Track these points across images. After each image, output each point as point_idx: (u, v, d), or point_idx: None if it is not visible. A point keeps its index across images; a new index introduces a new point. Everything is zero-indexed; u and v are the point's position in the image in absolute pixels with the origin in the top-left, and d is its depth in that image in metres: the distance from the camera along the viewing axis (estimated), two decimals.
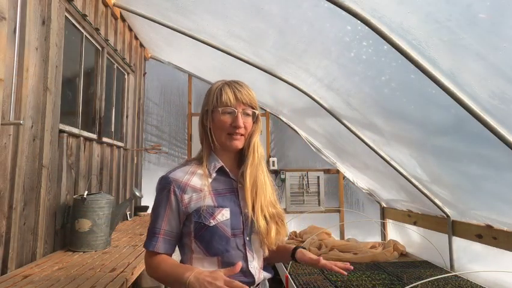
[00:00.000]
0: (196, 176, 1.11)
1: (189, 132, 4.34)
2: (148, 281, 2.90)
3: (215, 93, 1.11)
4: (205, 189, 1.09)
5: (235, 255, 1.08)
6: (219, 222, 1.06)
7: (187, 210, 1.07)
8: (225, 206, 1.09)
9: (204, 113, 1.15)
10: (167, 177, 1.10)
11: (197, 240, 1.08)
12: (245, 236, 1.10)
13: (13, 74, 1.68)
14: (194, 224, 1.07)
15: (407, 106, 2.11)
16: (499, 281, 2.36)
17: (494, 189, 2.05)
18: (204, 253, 1.07)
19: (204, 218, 1.06)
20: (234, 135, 1.10)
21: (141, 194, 3.06)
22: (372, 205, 4.36)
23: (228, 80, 1.15)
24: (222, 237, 1.06)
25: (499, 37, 1.25)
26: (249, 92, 1.12)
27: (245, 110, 1.10)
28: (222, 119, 1.09)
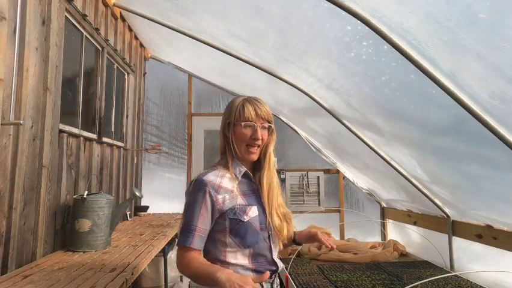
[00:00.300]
0: (226, 178, 1.27)
1: (189, 132, 4.34)
2: (148, 281, 2.90)
3: (237, 108, 1.28)
4: (235, 190, 1.26)
5: (263, 247, 1.26)
6: (250, 218, 1.24)
7: (222, 208, 1.22)
8: (253, 204, 1.27)
9: (226, 125, 1.32)
10: (202, 180, 1.24)
11: (232, 235, 1.23)
12: (268, 230, 1.29)
13: (13, 74, 1.68)
14: (229, 220, 1.22)
15: (407, 106, 2.11)
16: (499, 281, 2.36)
17: (494, 189, 2.05)
18: (238, 246, 1.23)
19: (239, 214, 1.22)
20: (252, 147, 1.28)
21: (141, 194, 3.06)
22: (372, 205, 4.36)
23: (248, 96, 1.33)
24: (253, 231, 1.24)
25: (499, 37, 1.25)
26: (266, 109, 1.30)
27: (263, 124, 1.28)
28: (243, 131, 1.27)
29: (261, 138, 1.28)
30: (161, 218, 3.51)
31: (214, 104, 4.43)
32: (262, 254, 1.26)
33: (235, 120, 1.28)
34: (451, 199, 2.62)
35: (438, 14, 1.33)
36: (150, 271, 2.89)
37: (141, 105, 4.05)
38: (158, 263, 2.88)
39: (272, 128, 1.32)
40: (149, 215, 3.76)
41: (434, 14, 1.34)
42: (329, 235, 3.73)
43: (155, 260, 2.85)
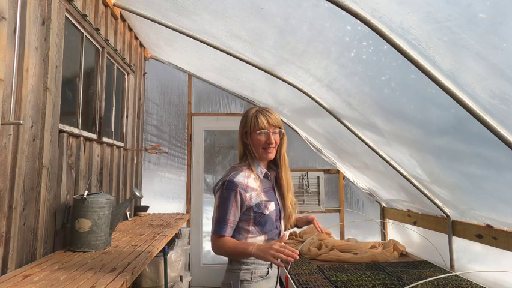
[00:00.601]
0: (251, 179, 1.55)
1: (189, 132, 4.34)
2: (148, 281, 2.90)
3: (252, 119, 1.56)
4: (258, 189, 1.55)
5: (275, 233, 1.58)
6: (270, 211, 1.54)
7: (249, 204, 1.51)
8: (271, 200, 1.57)
9: (244, 133, 1.60)
10: (233, 181, 1.50)
11: (255, 224, 1.53)
12: (280, 220, 1.61)
13: (13, 74, 1.69)
14: (254, 213, 1.52)
15: (407, 106, 2.11)
16: (499, 281, 2.36)
17: (494, 189, 2.05)
18: (259, 233, 1.54)
19: (262, 209, 1.52)
20: (268, 149, 1.55)
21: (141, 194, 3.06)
22: (372, 205, 4.36)
23: (259, 107, 1.60)
24: (271, 221, 1.55)
25: (499, 37, 1.25)
26: (276, 117, 1.57)
27: (274, 130, 1.56)
28: (259, 138, 1.54)
29: (274, 142, 1.55)
30: (161, 218, 3.51)
31: (214, 104, 4.43)
32: (273, 238, 1.56)
33: (251, 129, 1.56)
34: (451, 199, 2.62)
35: (438, 14, 1.33)
36: (150, 271, 2.89)
37: (141, 105, 4.05)
38: (158, 263, 2.88)
39: (283, 132, 1.59)
40: (149, 215, 3.76)
41: (434, 14, 1.34)
42: (329, 235, 3.73)
43: (155, 260, 2.85)
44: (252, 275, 1.51)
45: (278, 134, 1.57)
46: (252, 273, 1.51)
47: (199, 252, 4.21)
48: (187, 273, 3.78)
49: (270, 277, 1.55)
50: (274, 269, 1.60)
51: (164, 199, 4.20)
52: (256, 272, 1.51)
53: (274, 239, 1.56)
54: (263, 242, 1.53)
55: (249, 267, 1.51)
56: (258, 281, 1.51)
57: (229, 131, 4.44)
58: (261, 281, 1.51)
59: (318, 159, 4.42)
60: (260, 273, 1.52)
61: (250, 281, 1.50)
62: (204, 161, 4.35)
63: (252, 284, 1.50)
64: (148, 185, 4.16)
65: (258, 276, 1.51)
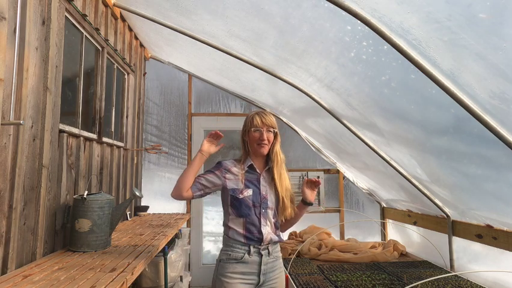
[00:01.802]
0: (236, 167, 1.82)
1: (189, 132, 4.34)
2: (148, 281, 2.90)
3: (250, 119, 1.81)
4: (239, 176, 1.78)
5: (254, 219, 1.74)
6: (244, 196, 1.74)
7: (225, 184, 1.77)
8: (249, 188, 1.77)
9: (244, 132, 1.84)
10: (220, 162, 1.83)
11: (232, 207, 1.76)
12: (261, 208, 1.76)
13: (13, 74, 1.68)
14: (230, 196, 1.75)
15: (407, 106, 2.11)
16: (499, 281, 2.36)
17: (494, 189, 2.05)
18: (236, 215, 1.75)
19: (237, 193, 1.75)
20: (261, 144, 1.77)
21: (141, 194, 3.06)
22: (372, 205, 4.36)
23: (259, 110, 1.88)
24: (246, 206, 1.74)
25: (499, 37, 1.25)
26: (271, 118, 1.80)
27: (268, 129, 1.78)
28: (254, 135, 1.78)
29: (267, 139, 1.77)
30: (161, 218, 3.51)
31: (214, 104, 4.43)
32: (253, 224, 1.73)
33: (248, 127, 1.80)
34: (451, 199, 2.62)
35: (438, 14, 1.33)
36: (150, 271, 2.89)
37: (141, 105, 4.05)
38: (158, 263, 2.88)
39: (276, 131, 1.81)
40: (149, 215, 3.76)
41: (434, 14, 1.34)
42: (329, 235, 3.73)
43: (155, 260, 2.85)
44: (228, 256, 1.72)
45: (272, 132, 1.79)
46: (230, 255, 1.71)
47: (199, 252, 4.21)
48: (187, 273, 3.78)
49: (246, 262, 1.70)
50: (254, 257, 1.72)
51: (164, 199, 4.20)
52: (232, 255, 1.71)
53: (254, 224, 1.74)
54: (242, 225, 1.73)
55: (227, 249, 1.74)
56: (232, 263, 1.70)
57: (229, 131, 4.43)
58: (235, 263, 1.70)
59: (318, 159, 4.42)
60: (235, 256, 1.71)
61: (225, 261, 1.72)
62: None
63: (226, 264, 1.71)
64: (148, 185, 4.16)
65: (232, 258, 1.71)
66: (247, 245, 1.72)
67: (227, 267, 1.70)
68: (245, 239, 1.72)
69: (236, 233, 1.73)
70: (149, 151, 3.95)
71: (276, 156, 1.79)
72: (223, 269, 1.71)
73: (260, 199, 1.76)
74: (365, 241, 3.81)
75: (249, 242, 1.72)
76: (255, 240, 1.72)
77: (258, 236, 1.73)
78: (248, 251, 1.71)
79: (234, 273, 1.69)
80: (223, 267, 1.72)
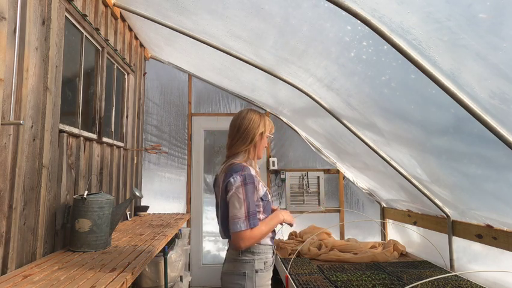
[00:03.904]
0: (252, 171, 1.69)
1: (189, 132, 4.34)
2: (148, 281, 2.90)
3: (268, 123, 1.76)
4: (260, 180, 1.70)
5: None
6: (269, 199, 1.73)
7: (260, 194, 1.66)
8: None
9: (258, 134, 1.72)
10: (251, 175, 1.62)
11: (264, 212, 1.68)
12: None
13: (13, 74, 1.69)
14: (262, 202, 1.66)
15: (407, 106, 2.11)
16: (499, 281, 2.36)
17: (494, 189, 2.05)
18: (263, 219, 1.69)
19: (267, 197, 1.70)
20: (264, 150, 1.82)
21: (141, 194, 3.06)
22: (372, 205, 4.36)
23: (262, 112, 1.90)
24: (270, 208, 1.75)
25: (499, 37, 1.25)
26: None
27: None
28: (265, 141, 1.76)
29: None
30: (161, 218, 3.51)
31: (214, 104, 4.43)
32: None
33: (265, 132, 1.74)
34: (451, 199, 2.62)
35: (438, 14, 1.33)
36: (150, 271, 2.89)
37: (141, 105, 4.05)
38: (158, 263, 2.88)
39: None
40: (149, 215, 3.76)
41: (434, 14, 1.34)
42: (329, 235, 3.73)
43: (155, 260, 2.85)
44: (265, 264, 1.63)
45: None
46: (265, 263, 1.63)
47: (199, 252, 4.21)
48: (187, 273, 3.78)
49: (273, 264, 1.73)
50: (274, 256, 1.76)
51: (164, 199, 4.20)
52: (268, 262, 1.65)
53: None
54: None
55: (261, 257, 1.62)
56: (268, 270, 1.65)
57: None
58: (270, 269, 1.67)
59: (318, 159, 4.42)
60: (270, 262, 1.66)
61: (264, 269, 1.62)
62: (203, 161, 4.35)
63: (265, 272, 1.63)
64: (148, 185, 4.16)
65: (269, 265, 1.66)
66: (271, 247, 1.70)
67: (266, 276, 1.63)
68: (271, 241, 1.70)
69: (267, 237, 1.67)
70: (149, 151, 3.95)
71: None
72: (263, 279, 1.61)
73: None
74: (365, 241, 3.81)
75: (272, 244, 1.71)
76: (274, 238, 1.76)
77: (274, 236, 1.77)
78: (273, 252, 1.72)
79: (269, 279, 1.67)
80: (262, 278, 1.61)
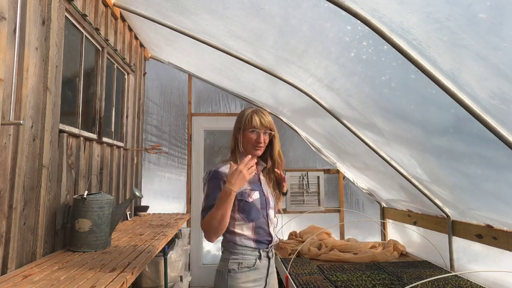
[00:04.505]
0: None
1: (189, 132, 4.34)
2: (148, 281, 2.90)
3: (247, 117, 1.65)
4: None
5: (262, 222, 1.65)
6: (254, 199, 1.63)
7: None
8: (255, 190, 1.66)
9: (237, 130, 1.69)
10: (217, 171, 1.61)
11: (240, 212, 1.61)
12: (266, 209, 1.68)
13: (13, 74, 1.69)
14: (238, 201, 1.59)
15: (407, 106, 2.11)
16: (499, 281, 2.36)
17: (494, 189, 2.05)
18: (244, 220, 1.62)
19: (246, 197, 1.61)
20: (257, 147, 1.64)
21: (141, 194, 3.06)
22: (372, 205, 4.36)
23: (256, 108, 1.72)
24: (256, 209, 1.63)
25: (499, 37, 1.25)
26: (269, 119, 1.68)
27: (265, 131, 1.66)
28: (250, 136, 1.64)
29: (263, 141, 1.65)
30: (161, 218, 3.51)
31: (214, 104, 4.43)
32: (262, 227, 1.64)
33: (244, 127, 1.65)
34: (451, 199, 2.62)
35: (438, 14, 1.33)
36: (150, 271, 2.89)
37: (141, 105, 4.05)
38: (158, 263, 2.88)
39: (273, 134, 1.69)
40: (149, 215, 3.76)
41: (434, 14, 1.34)
42: (329, 235, 3.74)
43: (155, 260, 2.85)
44: (239, 265, 1.58)
45: (268, 135, 1.68)
46: (240, 264, 1.58)
47: (199, 252, 4.21)
48: (187, 273, 3.78)
49: (257, 268, 1.60)
50: (264, 261, 1.64)
51: (164, 199, 4.20)
52: (244, 263, 1.58)
53: (263, 228, 1.64)
54: (251, 230, 1.62)
55: (237, 257, 1.59)
56: (244, 272, 1.57)
57: (229, 131, 4.35)
58: (248, 271, 1.58)
59: (318, 159, 4.42)
60: (247, 264, 1.59)
61: (237, 270, 1.57)
62: (203, 161, 4.35)
63: (238, 273, 1.57)
64: (148, 185, 4.16)
65: (245, 266, 1.58)
66: (257, 250, 1.62)
67: (240, 278, 1.57)
68: (255, 244, 1.62)
69: (245, 238, 1.61)
70: (149, 151, 3.95)
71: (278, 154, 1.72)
72: (235, 280, 1.56)
73: (265, 200, 1.69)
74: (365, 241, 3.81)
75: (258, 247, 1.62)
76: (265, 243, 1.65)
77: (268, 239, 1.66)
78: (258, 256, 1.62)
79: (248, 282, 1.57)
80: (235, 278, 1.57)
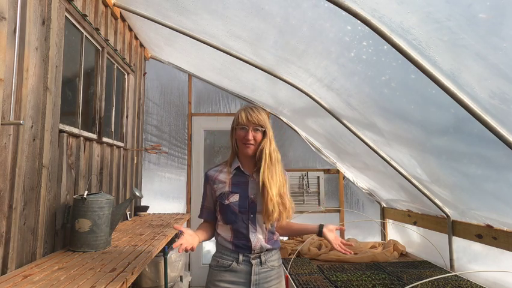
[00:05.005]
0: (223, 173, 1.66)
1: (189, 132, 4.34)
2: (148, 281, 2.90)
3: (236, 115, 1.63)
4: (227, 181, 1.64)
5: (241, 226, 1.60)
6: (230, 202, 1.60)
7: (215, 194, 1.64)
8: (236, 192, 1.61)
9: (232, 129, 1.67)
10: (206, 174, 1.69)
11: (219, 213, 1.64)
12: (250, 213, 1.61)
13: (13, 74, 1.69)
14: (218, 203, 1.63)
15: (407, 106, 2.11)
16: (499, 281, 2.36)
17: (494, 189, 2.05)
18: (222, 221, 1.64)
19: (222, 199, 1.61)
20: (246, 144, 1.59)
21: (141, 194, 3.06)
22: (372, 205, 4.36)
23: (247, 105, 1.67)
24: (232, 212, 1.60)
25: (499, 37, 1.25)
26: (258, 115, 1.60)
27: (255, 127, 1.59)
28: (239, 133, 1.61)
29: (253, 139, 1.59)
30: (161, 218, 3.51)
31: (214, 104, 4.43)
32: (240, 231, 1.60)
33: (234, 125, 1.64)
34: (451, 199, 2.62)
35: (438, 14, 1.33)
36: (150, 271, 2.89)
37: (141, 105, 4.05)
38: (158, 263, 2.88)
39: (265, 130, 1.61)
40: (149, 215, 3.76)
41: (434, 14, 1.34)
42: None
43: (155, 260, 2.85)
44: (217, 263, 1.62)
45: (260, 131, 1.60)
46: (218, 262, 1.62)
47: (199, 252, 4.21)
48: (187, 273, 3.78)
49: (234, 271, 1.59)
50: (243, 266, 1.59)
51: (164, 199, 4.20)
52: (220, 262, 1.61)
53: (242, 232, 1.60)
54: (229, 232, 1.62)
55: (216, 256, 1.66)
56: (220, 270, 1.61)
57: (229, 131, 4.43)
58: (223, 271, 1.60)
59: (318, 159, 4.42)
60: (223, 263, 1.61)
61: (214, 267, 1.64)
62: (203, 161, 4.35)
63: (214, 271, 1.63)
64: (148, 185, 4.16)
65: (221, 265, 1.61)
66: (236, 253, 1.59)
67: (215, 275, 1.61)
68: (233, 246, 1.60)
69: (224, 239, 1.62)
70: (149, 151, 3.95)
71: (265, 156, 1.58)
72: (212, 276, 1.62)
73: (248, 204, 1.59)
74: (365, 241, 3.81)
75: (237, 250, 1.59)
76: (244, 248, 1.59)
77: (246, 244, 1.59)
78: (237, 258, 1.59)
79: (223, 281, 1.58)
80: (212, 274, 1.63)
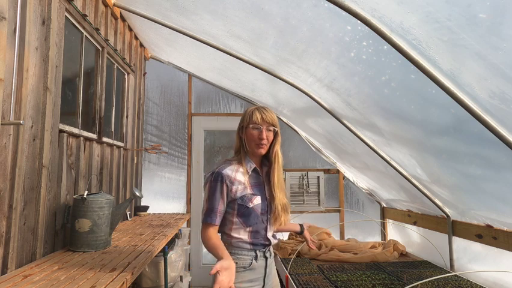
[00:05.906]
0: (239, 172, 1.61)
1: (189, 132, 4.34)
2: (148, 281, 2.90)
3: (249, 114, 1.62)
4: (246, 182, 1.60)
5: (260, 227, 1.62)
6: (254, 205, 1.59)
7: (235, 196, 1.58)
8: (257, 194, 1.61)
9: (240, 128, 1.66)
10: (220, 173, 1.58)
11: (239, 216, 1.59)
12: (267, 214, 1.65)
13: (13, 74, 1.69)
14: (238, 205, 1.58)
15: (407, 106, 2.11)
16: (499, 281, 2.36)
17: (494, 189, 2.05)
18: (243, 225, 1.59)
19: (246, 202, 1.58)
20: (260, 144, 1.60)
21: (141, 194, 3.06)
22: (372, 205, 4.36)
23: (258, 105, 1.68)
24: (256, 215, 1.60)
25: (499, 37, 1.25)
26: (272, 115, 1.62)
27: (268, 127, 1.61)
28: (252, 132, 1.60)
29: (266, 138, 1.60)
30: (161, 218, 3.51)
31: (214, 104, 4.43)
32: (259, 231, 1.62)
33: (246, 124, 1.62)
34: (451, 199, 2.62)
35: (438, 14, 1.33)
36: (150, 271, 2.89)
37: (141, 105, 4.05)
38: (158, 263, 2.88)
39: (277, 130, 1.64)
40: (149, 215, 3.76)
41: (434, 14, 1.34)
42: (329, 235, 3.73)
43: (155, 260, 2.85)
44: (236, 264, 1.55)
45: (272, 131, 1.63)
46: (236, 263, 1.55)
47: (199, 252, 4.21)
48: (187, 273, 3.78)
49: (254, 268, 1.60)
50: (260, 261, 1.63)
51: (164, 199, 4.20)
52: (239, 263, 1.57)
53: (260, 232, 1.62)
54: (247, 234, 1.60)
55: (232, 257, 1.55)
56: (240, 271, 1.56)
57: (229, 131, 4.44)
58: (243, 271, 1.57)
59: (318, 159, 4.42)
60: (243, 264, 1.58)
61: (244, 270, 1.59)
62: (204, 161, 4.35)
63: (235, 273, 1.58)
64: (148, 185, 4.16)
65: (241, 267, 1.57)
66: (254, 251, 1.61)
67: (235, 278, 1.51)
68: (251, 246, 1.61)
69: (241, 241, 1.60)
70: (149, 151, 3.95)
71: (276, 157, 1.64)
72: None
73: (266, 205, 1.64)
74: (365, 241, 3.80)
75: (254, 248, 1.62)
76: (260, 245, 1.63)
77: (264, 243, 1.65)
78: (255, 256, 1.61)
79: (243, 282, 1.56)
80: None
